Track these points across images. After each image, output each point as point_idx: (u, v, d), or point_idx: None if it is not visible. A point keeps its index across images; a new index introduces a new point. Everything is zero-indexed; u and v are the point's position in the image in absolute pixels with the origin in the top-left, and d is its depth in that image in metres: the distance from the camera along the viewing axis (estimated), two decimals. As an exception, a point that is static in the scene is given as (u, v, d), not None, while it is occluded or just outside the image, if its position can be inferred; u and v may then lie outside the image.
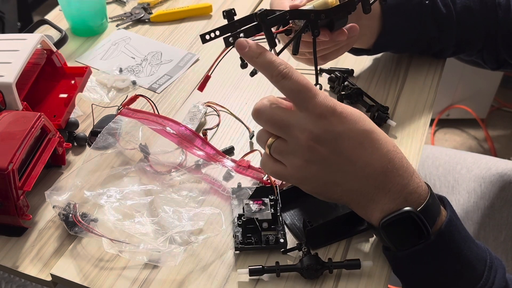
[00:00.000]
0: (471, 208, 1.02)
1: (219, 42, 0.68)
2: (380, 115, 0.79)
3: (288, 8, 0.66)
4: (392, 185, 0.57)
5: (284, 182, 0.73)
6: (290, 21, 0.65)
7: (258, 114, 0.58)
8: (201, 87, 0.66)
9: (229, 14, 0.60)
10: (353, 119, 0.57)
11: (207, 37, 0.60)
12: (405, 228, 0.58)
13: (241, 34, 0.60)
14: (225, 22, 0.60)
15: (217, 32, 0.59)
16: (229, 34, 0.59)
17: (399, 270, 0.63)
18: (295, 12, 0.64)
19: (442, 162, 1.10)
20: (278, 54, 0.63)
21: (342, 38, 0.71)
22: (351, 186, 0.58)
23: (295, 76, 0.56)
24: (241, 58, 0.60)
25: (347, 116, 0.56)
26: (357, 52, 0.88)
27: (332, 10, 0.66)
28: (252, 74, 0.62)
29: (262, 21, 0.60)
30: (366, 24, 0.81)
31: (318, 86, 0.61)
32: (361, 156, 0.57)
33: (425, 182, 0.60)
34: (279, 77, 0.56)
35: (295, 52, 0.67)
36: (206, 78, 0.65)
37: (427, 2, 0.83)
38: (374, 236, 0.67)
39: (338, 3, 0.66)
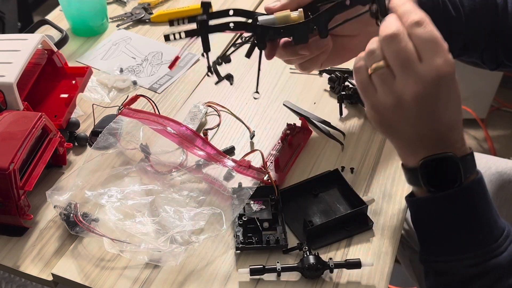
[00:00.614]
0: None
1: (219, 43, 0.69)
2: None
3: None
4: (450, 140, 0.59)
5: (284, 182, 0.73)
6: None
7: (394, 39, 0.56)
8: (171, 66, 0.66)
9: (205, 6, 0.61)
10: (457, 94, 0.58)
11: (171, 37, 0.61)
12: (440, 172, 0.58)
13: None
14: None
15: (182, 35, 0.61)
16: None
17: (418, 218, 0.63)
18: (240, 24, 0.64)
19: None
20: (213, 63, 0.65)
21: (304, 53, 0.70)
22: (413, 137, 0.59)
23: (431, 26, 0.57)
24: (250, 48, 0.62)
25: (456, 91, 0.57)
26: None
27: (280, 28, 0.65)
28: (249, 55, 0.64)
29: (202, 27, 0.61)
30: (375, 32, 0.81)
31: (256, 94, 0.66)
32: (441, 119, 0.58)
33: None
34: (414, 24, 0.56)
35: (247, 56, 0.68)
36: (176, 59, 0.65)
37: (438, 5, 0.82)
38: (375, 235, 0.67)
39: (302, 19, 0.65)
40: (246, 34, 0.66)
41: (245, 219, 0.66)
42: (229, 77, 0.65)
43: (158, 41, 1.00)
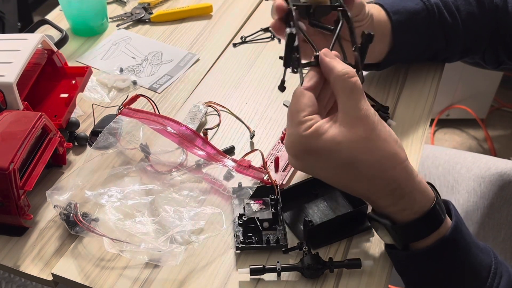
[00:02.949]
0: (470, 207, 1.02)
1: (219, 42, 0.68)
2: (381, 115, 0.79)
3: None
4: (381, 207, 0.60)
5: (284, 182, 0.73)
6: None
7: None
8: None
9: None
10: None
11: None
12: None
13: None
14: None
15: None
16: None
17: (401, 270, 0.63)
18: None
19: (442, 161, 1.10)
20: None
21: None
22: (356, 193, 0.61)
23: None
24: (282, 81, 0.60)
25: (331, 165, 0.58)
26: (365, 67, 0.88)
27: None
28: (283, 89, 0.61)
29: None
30: (376, 41, 0.82)
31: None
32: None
33: (431, 186, 0.61)
34: None
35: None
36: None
37: (434, 13, 0.82)
38: (375, 235, 0.67)
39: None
40: None
41: (245, 219, 0.66)
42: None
43: (158, 41, 1.00)
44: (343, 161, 0.56)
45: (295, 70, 0.60)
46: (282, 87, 0.60)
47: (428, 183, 0.60)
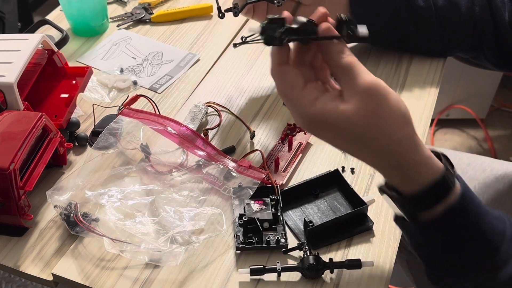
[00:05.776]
0: None
1: (219, 43, 0.69)
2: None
3: None
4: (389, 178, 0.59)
5: (284, 182, 0.73)
6: None
7: None
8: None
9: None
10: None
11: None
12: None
13: None
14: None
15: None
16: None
17: (412, 242, 0.62)
18: None
19: None
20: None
21: None
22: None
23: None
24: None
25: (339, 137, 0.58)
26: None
27: None
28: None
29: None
30: (329, 10, 0.82)
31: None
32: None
33: (440, 153, 0.60)
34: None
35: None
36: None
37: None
38: (375, 235, 0.67)
39: None
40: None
41: (246, 219, 0.66)
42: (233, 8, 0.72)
43: (158, 41, 1.00)
44: (351, 136, 0.56)
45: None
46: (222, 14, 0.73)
47: (442, 154, 0.60)
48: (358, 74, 0.55)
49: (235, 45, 0.85)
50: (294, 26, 0.55)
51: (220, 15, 0.79)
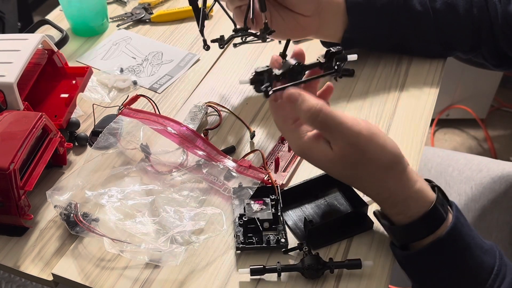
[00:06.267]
0: (461, 210, 1.02)
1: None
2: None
3: None
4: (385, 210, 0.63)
5: (284, 182, 0.73)
6: None
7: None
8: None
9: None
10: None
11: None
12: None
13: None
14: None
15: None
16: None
17: (402, 267, 0.64)
18: None
19: (434, 164, 1.10)
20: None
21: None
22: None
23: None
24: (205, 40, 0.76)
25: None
26: (326, 44, 0.89)
27: None
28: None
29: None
30: (329, 19, 0.82)
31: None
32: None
33: (434, 185, 0.62)
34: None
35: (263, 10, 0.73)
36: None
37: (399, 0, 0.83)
38: (375, 235, 0.67)
39: None
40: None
41: (246, 219, 0.66)
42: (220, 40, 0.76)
43: (158, 41, 1.00)
44: (338, 175, 0.62)
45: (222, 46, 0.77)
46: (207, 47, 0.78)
47: (435, 185, 0.62)
48: (336, 127, 0.57)
49: (235, 45, 0.85)
50: (281, 71, 0.62)
51: (206, 47, 0.79)
